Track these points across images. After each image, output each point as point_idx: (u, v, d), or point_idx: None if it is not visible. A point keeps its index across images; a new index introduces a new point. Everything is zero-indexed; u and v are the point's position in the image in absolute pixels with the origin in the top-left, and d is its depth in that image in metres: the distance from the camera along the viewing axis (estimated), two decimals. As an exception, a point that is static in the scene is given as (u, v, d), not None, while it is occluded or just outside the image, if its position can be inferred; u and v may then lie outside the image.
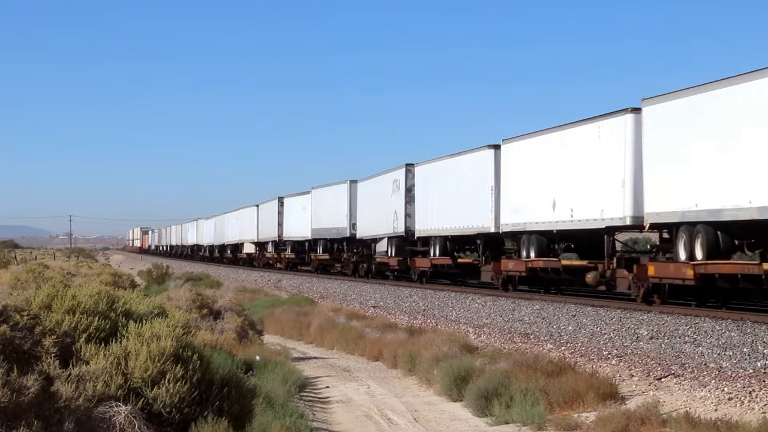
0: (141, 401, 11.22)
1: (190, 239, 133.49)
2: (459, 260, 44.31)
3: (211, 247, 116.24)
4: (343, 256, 63.70)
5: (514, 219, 38.03)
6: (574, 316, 27.81)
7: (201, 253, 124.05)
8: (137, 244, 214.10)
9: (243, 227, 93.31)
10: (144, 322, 12.40)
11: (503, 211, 39.07)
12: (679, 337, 21.99)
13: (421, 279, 48.51)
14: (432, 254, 46.49)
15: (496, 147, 40.19)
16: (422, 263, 48.22)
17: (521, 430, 15.94)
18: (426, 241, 48.13)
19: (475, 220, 41.67)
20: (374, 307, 38.10)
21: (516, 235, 38.84)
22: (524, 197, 37.26)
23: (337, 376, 23.29)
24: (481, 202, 41.03)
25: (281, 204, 79.02)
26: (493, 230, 40.16)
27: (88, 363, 11.40)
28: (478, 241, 42.43)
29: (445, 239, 45.43)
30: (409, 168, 50.73)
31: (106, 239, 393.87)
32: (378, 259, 55.55)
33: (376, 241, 56.08)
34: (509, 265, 38.51)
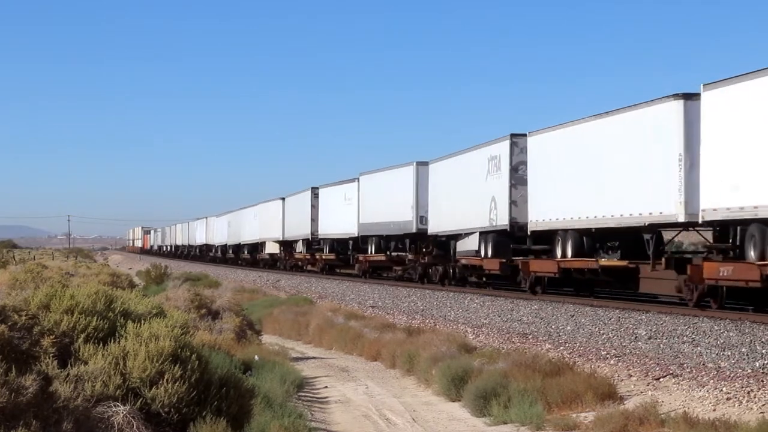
0: (139, 401, 11.22)
1: (199, 239, 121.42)
2: (603, 263, 32.25)
3: (224, 247, 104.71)
4: (406, 257, 50.80)
5: (728, 201, 25.57)
6: (572, 316, 27.82)
7: (212, 254, 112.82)
8: (138, 244, 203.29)
9: (264, 224, 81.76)
10: (142, 322, 12.40)
11: (705, 190, 26.74)
12: (678, 337, 22.00)
13: (533, 288, 36.01)
14: (559, 254, 34.70)
15: (688, 96, 28.15)
16: (543, 267, 35.76)
17: (519, 430, 15.95)
18: (545, 237, 36.43)
19: (645, 204, 29.56)
20: (372, 307, 38.11)
21: (729, 226, 26.78)
22: (751, 167, 24.82)
23: (336, 376, 23.30)
24: (657, 178, 29.00)
25: (315, 195, 67.42)
26: (682, 218, 28.05)
27: (86, 363, 11.40)
28: (647, 236, 29.88)
29: (580, 234, 33.96)
30: (516, 140, 38.08)
31: (105, 239, 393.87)
32: (463, 261, 42.93)
33: (457, 237, 43.72)
34: (723, 271, 25.57)
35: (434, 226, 47.15)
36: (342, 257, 62.92)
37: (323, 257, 65.64)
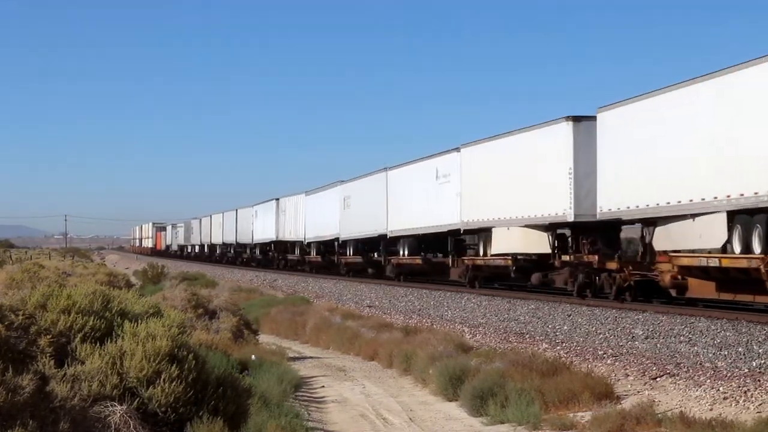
0: (136, 401, 11.21)
1: (261, 233, 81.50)
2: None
3: (329, 245, 62.73)
4: None
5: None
6: (569, 316, 27.83)
7: (293, 256, 72.96)
8: (148, 243, 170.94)
9: (486, 191, 39.33)
10: (139, 321, 12.40)
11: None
12: (675, 337, 22.02)
13: None
14: None
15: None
16: None
17: (516, 429, 15.95)
18: None
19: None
20: (369, 306, 38.12)
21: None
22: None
23: (333, 376, 23.30)
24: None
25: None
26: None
27: (83, 363, 11.40)
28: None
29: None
30: None
31: (102, 239, 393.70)
32: None
33: None
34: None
35: None
36: None
37: None
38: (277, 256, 77.28)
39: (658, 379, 17.78)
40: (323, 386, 21.48)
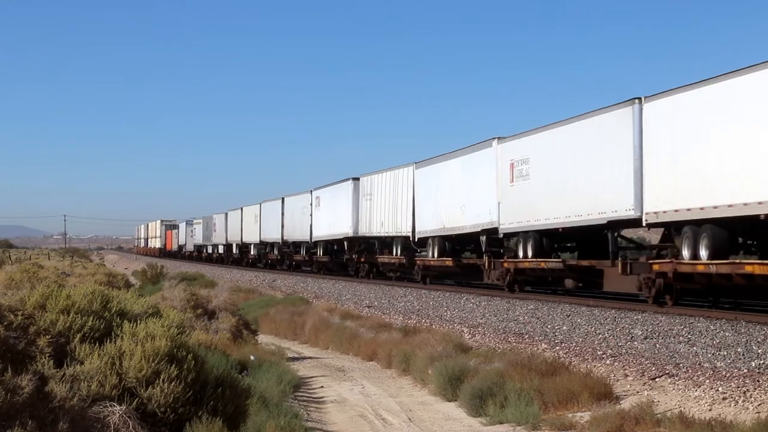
0: (135, 401, 11.21)
1: (324, 228, 61.04)
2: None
3: (449, 241, 42.92)
4: None
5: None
6: (568, 316, 27.82)
7: (384, 258, 51.15)
8: (156, 244, 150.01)
9: None
10: (138, 322, 12.40)
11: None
12: (674, 337, 22.01)
13: None
14: None
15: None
16: None
17: (516, 429, 15.95)
18: None
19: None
20: (369, 306, 38.10)
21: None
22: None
23: (332, 376, 23.30)
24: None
25: None
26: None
27: (82, 363, 11.40)
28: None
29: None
30: None
31: (101, 239, 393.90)
32: None
33: None
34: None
35: None
36: None
37: None
38: (356, 257, 55.94)
39: (657, 379, 17.78)
40: (322, 386, 21.48)
